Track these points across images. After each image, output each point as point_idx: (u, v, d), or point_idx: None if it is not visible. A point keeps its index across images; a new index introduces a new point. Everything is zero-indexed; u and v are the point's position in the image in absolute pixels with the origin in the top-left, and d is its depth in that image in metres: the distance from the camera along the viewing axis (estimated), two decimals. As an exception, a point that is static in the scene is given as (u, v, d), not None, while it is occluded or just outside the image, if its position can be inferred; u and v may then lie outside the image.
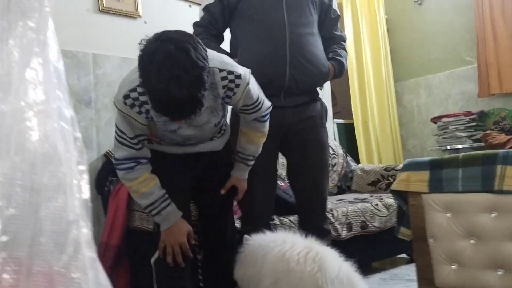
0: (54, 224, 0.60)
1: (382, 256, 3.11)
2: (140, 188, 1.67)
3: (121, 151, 1.64)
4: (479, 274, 1.77)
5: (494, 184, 1.73)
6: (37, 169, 0.59)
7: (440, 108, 4.22)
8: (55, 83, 0.62)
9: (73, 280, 0.60)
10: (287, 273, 1.53)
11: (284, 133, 2.03)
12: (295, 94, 2.01)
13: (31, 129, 0.58)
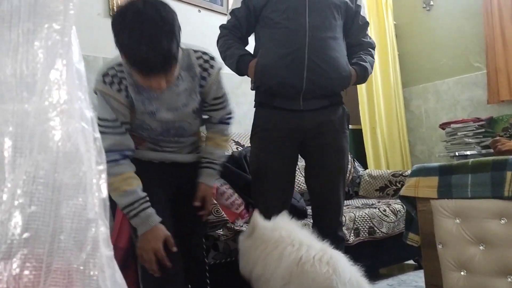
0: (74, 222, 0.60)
1: (390, 262, 3.09)
2: (122, 185, 1.60)
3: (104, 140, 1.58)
4: (489, 281, 1.76)
5: (503, 190, 1.72)
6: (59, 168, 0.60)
7: (449, 114, 4.20)
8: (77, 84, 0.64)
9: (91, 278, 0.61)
10: (301, 275, 1.53)
11: (302, 137, 2.03)
12: (314, 98, 2.00)
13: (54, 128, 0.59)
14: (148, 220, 1.61)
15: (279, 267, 1.57)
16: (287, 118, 1.98)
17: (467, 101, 4.10)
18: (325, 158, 2.03)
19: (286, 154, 2.00)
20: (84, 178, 0.63)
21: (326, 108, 2.04)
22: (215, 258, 2.16)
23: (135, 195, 1.61)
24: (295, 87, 1.95)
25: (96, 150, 0.68)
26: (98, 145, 0.69)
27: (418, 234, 2.08)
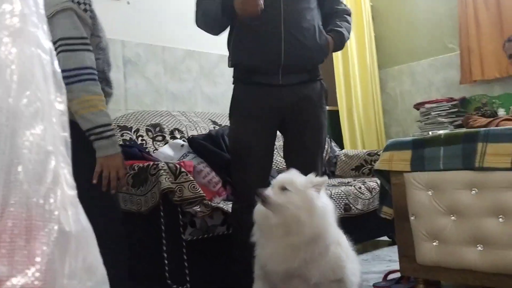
0: (32, 153, 0.57)
1: (365, 238, 3.15)
2: (99, 104, 1.60)
3: (83, 58, 1.57)
4: (459, 250, 1.81)
5: (474, 161, 1.76)
6: (14, 92, 0.57)
7: (423, 95, 4.27)
8: (33, 10, 0.61)
9: (52, 213, 0.59)
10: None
11: (282, 114, 2.02)
12: (293, 72, 1.98)
13: (6, 48, 0.56)
14: (115, 145, 1.63)
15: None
16: (266, 94, 1.97)
17: (441, 82, 4.17)
18: (304, 135, 2.03)
19: (265, 131, 1.99)
20: (42, 107, 0.60)
21: (305, 84, 2.03)
22: (192, 234, 2.15)
23: (110, 118, 1.63)
24: (274, 61, 1.94)
25: (56, 84, 0.65)
26: (58, 79, 0.67)
27: (391, 207, 2.12)
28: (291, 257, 1.50)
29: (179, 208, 2.11)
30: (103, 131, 1.59)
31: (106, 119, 1.60)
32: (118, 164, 1.62)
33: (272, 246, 1.53)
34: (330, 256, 1.53)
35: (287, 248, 1.50)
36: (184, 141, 2.72)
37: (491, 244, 1.73)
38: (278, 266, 1.52)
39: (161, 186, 2.03)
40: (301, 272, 1.52)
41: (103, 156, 1.60)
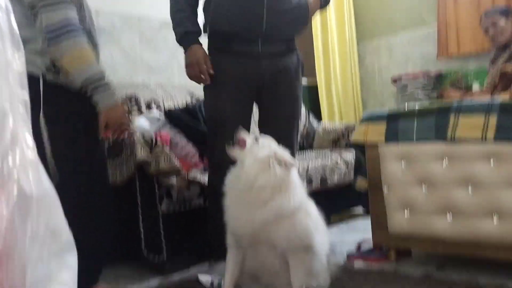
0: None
1: (340, 210, 3.21)
2: (91, 57, 1.55)
3: (61, 13, 1.50)
4: (430, 218, 1.87)
5: (447, 133, 1.80)
6: None
7: (400, 69, 4.28)
8: None
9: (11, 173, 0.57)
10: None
11: (259, 84, 1.99)
12: (272, 41, 1.95)
13: None
14: (115, 95, 1.61)
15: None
16: (244, 63, 1.94)
17: (418, 57, 4.19)
18: (280, 106, 2.02)
19: (241, 101, 1.98)
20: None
21: (283, 55, 2.01)
22: (169, 206, 2.15)
23: (102, 69, 1.59)
24: (255, 28, 1.89)
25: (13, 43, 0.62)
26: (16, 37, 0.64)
27: (366, 178, 2.15)
28: (253, 218, 1.52)
29: (155, 180, 2.11)
30: (100, 82, 1.55)
31: (100, 70, 1.57)
32: (122, 113, 1.62)
33: (237, 208, 1.56)
34: (297, 224, 1.55)
35: (249, 208, 1.53)
36: (161, 113, 2.69)
37: (460, 214, 1.78)
38: (243, 229, 1.54)
39: (137, 158, 2.01)
40: (268, 238, 1.54)
41: (106, 107, 1.57)
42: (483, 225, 1.73)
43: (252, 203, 1.53)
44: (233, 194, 1.58)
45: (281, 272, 1.60)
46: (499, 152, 1.68)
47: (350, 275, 1.88)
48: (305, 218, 1.60)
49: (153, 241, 2.13)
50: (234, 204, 1.58)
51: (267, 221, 1.52)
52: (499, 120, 1.67)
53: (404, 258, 2.11)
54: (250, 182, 1.53)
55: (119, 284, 2.03)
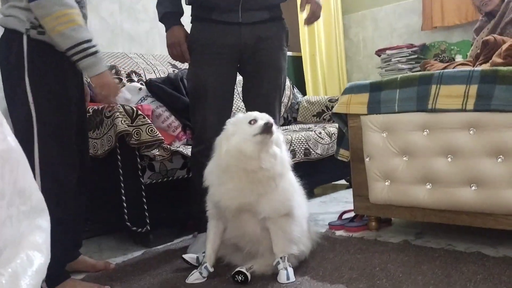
0: None
1: (324, 182, 3.24)
2: (78, 19, 1.46)
3: None
4: (410, 188, 1.89)
5: (428, 103, 1.81)
6: None
7: (385, 41, 4.28)
8: None
9: None
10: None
11: (241, 54, 1.96)
12: (253, 9, 1.91)
13: None
14: (103, 62, 1.53)
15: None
16: (225, 33, 1.91)
17: (402, 28, 4.18)
18: (262, 77, 2.00)
19: (224, 71, 1.95)
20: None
21: (266, 23, 1.97)
22: (151, 178, 2.15)
23: (90, 33, 1.50)
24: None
25: None
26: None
27: (348, 150, 2.17)
28: (247, 193, 1.53)
29: (136, 151, 2.09)
30: (88, 48, 1.47)
31: (87, 34, 1.48)
32: (111, 80, 1.56)
33: (230, 184, 1.54)
34: (280, 191, 1.57)
35: (246, 185, 1.52)
36: (142, 84, 2.65)
37: (439, 183, 1.81)
38: (232, 202, 1.54)
39: (117, 128, 1.98)
40: (252, 207, 1.56)
41: (95, 75, 1.50)
42: (461, 193, 1.76)
43: (252, 182, 1.53)
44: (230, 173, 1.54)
45: (262, 240, 1.62)
46: (478, 122, 1.69)
47: (331, 243, 1.91)
48: (287, 186, 1.62)
49: (136, 213, 2.12)
50: (227, 181, 1.55)
51: (261, 194, 1.54)
52: (479, 89, 1.68)
53: (385, 227, 2.16)
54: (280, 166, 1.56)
55: (103, 256, 2.04)
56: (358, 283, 1.49)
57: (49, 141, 1.48)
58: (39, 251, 0.60)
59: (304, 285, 1.51)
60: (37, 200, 0.64)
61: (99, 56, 1.50)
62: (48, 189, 1.38)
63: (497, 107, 1.64)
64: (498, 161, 1.67)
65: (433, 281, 1.46)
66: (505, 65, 1.80)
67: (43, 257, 0.61)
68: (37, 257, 0.59)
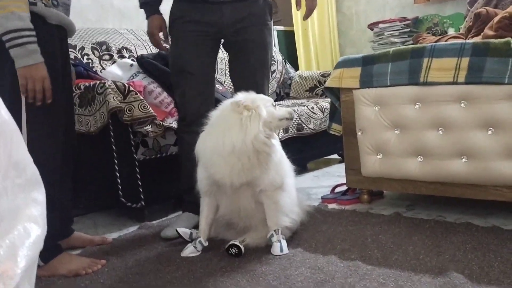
0: None
1: (316, 156, 3.26)
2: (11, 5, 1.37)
3: None
4: (402, 161, 1.92)
5: (419, 76, 1.81)
6: None
7: (378, 15, 4.25)
8: None
9: None
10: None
11: (222, 34, 1.94)
12: None
13: None
14: (33, 54, 1.42)
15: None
16: (204, 12, 1.87)
17: (395, 2, 4.15)
18: (248, 54, 1.97)
19: (203, 50, 1.91)
20: None
21: (247, 0, 1.93)
22: (145, 154, 2.15)
23: (25, 22, 1.40)
24: None
25: None
26: None
27: (340, 124, 2.18)
28: (255, 171, 1.54)
29: (129, 128, 2.09)
30: (15, 38, 1.38)
31: (18, 23, 1.38)
32: (42, 74, 1.44)
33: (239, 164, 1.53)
34: (274, 164, 1.59)
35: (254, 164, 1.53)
36: (133, 60, 2.63)
37: (430, 155, 1.83)
38: (238, 180, 1.54)
39: (109, 105, 1.97)
40: (253, 182, 1.57)
41: (22, 66, 1.42)
42: (452, 165, 1.79)
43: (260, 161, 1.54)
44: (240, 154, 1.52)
45: (255, 213, 1.65)
46: (469, 94, 1.71)
47: (324, 216, 1.94)
48: (279, 157, 1.64)
49: (130, 189, 2.14)
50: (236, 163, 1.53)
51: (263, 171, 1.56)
52: (470, 62, 1.68)
53: (377, 200, 2.19)
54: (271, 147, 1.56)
55: (98, 232, 2.06)
56: (350, 254, 1.52)
57: (37, 113, 1.46)
58: (35, 223, 0.61)
59: (297, 257, 1.54)
60: (32, 173, 0.64)
61: (29, 48, 1.41)
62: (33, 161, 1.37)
63: (488, 80, 1.65)
64: (489, 133, 1.69)
65: (423, 251, 1.50)
66: (496, 38, 1.80)
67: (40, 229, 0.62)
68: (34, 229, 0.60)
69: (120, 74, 2.50)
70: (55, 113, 1.55)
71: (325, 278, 1.35)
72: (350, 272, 1.38)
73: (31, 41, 1.41)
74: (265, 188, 1.60)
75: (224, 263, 1.54)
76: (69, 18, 1.63)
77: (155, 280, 1.45)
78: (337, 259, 1.49)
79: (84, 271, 1.55)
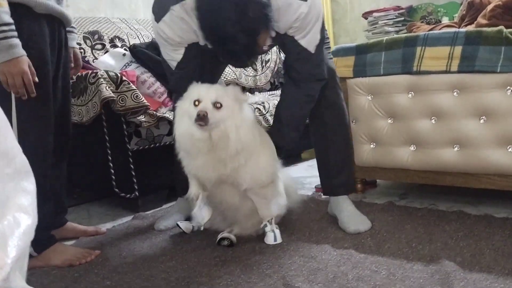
0: None
1: (311, 146, 3.25)
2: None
3: None
4: (395, 150, 1.92)
5: (413, 65, 1.81)
6: None
7: (372, 4, 4.22)
8: None
9: None
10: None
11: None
12: None
13: None
14: (11, 49, 1.37)
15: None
16: None
17: (390, -10, 4.12)
18: None
19: None
20: None
21: None
22: (138, 144, 2.14)
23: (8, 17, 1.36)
24: None
25: None
26: None
27: (334, 113, 2.17)
28: (220, 168, 1.49)
29: (122, 118, 2.08)
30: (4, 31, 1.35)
31: (5, 18, 1.34)
32: (21, 69, 1.39)
33: (200, 159, 1.50)
34: (260, 163, 1.55)
35: (215, 161, 1.49)
36: (126, 50, 2.61)
37: (423, 144, 1.84)
38: (209, 175, 1.52)
39: (102, 95, 1.96)
40: (232, 179, 1.53)
41: (2, 62, 1.38)
42: (444, 154, 1.79)
43: (220, 158, 1.48)
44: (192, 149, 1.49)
45: (240, 207, 1.63)
46: (462, 83, 1.71)
47: (317, 205, 1.95)
48: (266, 155, 1.59)
49: (124, 179, 2.13)
50: (196, 157, 1.50)
51: (235, 168, 1.50)
52: (463, 50, 1.68)
53: (370, 189, 2.20)
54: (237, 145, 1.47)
55: (92, 223, 2.06)
56: (343, 243, 1.53)
57: (27, 103, 1.45)
58: (25, 213, 0.61)
59: (291, 246, 1.55)
60: (21, 162, 0.64)
61: (4, 43, 1.36)
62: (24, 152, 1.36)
63: (481, 68, 1.65)
64: (481, 122, 1.70)
65: (416, 239, 1.51)
66: (489, 26, 1.80)
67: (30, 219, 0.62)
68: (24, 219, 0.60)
69: (113, 63, 2.48)
70: (43, 102, 1.52)
71: (318, 267, 1.36)
72: (343, 261, 1.39)
73: (8, 36, 1.36)
74: (250, 187, 1.55)
75: (218, 252, 1.55)
76: (60, 8, 1.59)
77: (149, 270, 1.46)
78: (330, 247, 1.50)
79: (77, 261, 1.55)
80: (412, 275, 1.26)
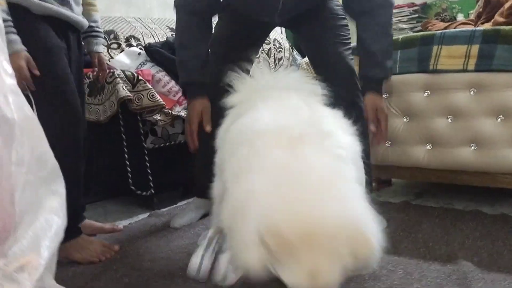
0: None
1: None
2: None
3: None
4: (410, 149, 1.92)
5: (429, 64, 1.80)
6: None
7: (386, 1, 4.19)
8: None
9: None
10: None
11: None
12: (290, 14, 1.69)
13: None
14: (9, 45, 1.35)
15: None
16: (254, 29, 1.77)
17: (404, -13, 4.09)
18: None
19: None
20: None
21: None
22: (154, 143, 2.17)
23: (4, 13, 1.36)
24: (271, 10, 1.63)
25: None
26: None
27: (349, 112, 2.17)
28: None
29: (138, 117, 2.10)
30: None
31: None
32: (18, 65, 1.39)
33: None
34: None
35: None
36: (141, 49, 2.63)
37: (439, 143, 1.83)
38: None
39: (119, 94, 1.99)
40: None
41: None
42: (460, 153, 1.78)
43: None
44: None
45: None
46: (479, 82, 1.70)
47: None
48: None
49: (140, 177, 2.16)
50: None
51: None
52: (480, 49, 1.67)
53: (385, 188, 2.20)
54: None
55: (109, 220, 2.08)
56: (359, 242, 1.53)
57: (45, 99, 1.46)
58: (56, 215, 0.63)
59: (306, 244, 1.55)
60: (52, 166, 0.66)
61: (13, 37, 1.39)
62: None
63: (498, 67, 1.64)
64: (498, 121, 1.69)
65: (432, 238, 1.51)
66: (507, 24, 1.79)
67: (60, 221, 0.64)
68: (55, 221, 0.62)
69: (128, 63, 2.51)
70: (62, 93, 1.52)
71: (334, 266, 1.37)
72: (360, 260, 1.39)
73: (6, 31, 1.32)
74: None
75: (234, 250, 1.56)
76: (65, 11, 1.56)
77: (166, 267, 1.48)
78: (346, 246, 1.50)
79: (97, 259, 1.58)
80: (429, 274, 1.26)
